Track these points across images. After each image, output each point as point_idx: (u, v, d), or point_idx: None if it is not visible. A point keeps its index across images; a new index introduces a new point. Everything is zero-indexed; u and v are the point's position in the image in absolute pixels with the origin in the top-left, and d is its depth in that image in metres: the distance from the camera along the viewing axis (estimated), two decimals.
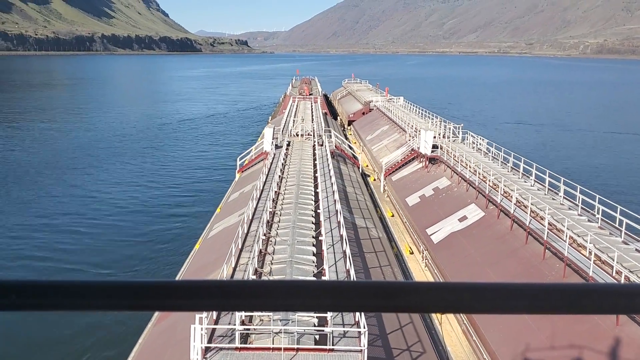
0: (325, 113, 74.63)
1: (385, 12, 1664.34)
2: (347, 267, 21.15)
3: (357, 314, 16.69)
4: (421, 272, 30.12)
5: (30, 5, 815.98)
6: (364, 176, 48.44)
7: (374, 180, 49.25)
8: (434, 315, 23.56)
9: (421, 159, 43.80)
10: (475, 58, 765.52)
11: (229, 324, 16.64)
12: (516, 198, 28.82)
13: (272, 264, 21.58)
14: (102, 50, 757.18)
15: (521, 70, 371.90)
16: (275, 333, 15.87)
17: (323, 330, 16.12)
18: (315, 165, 39.68)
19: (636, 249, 22.26)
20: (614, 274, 20.27)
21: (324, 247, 22.90)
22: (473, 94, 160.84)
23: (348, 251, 21.84)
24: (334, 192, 31.82)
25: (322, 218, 26.47)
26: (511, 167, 36.71)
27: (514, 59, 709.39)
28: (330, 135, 49.90)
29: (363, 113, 77.70)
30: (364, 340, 15.18)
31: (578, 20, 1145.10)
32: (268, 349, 15.44)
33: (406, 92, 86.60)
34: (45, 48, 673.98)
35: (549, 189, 31.48)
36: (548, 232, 24.36)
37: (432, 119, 53.44)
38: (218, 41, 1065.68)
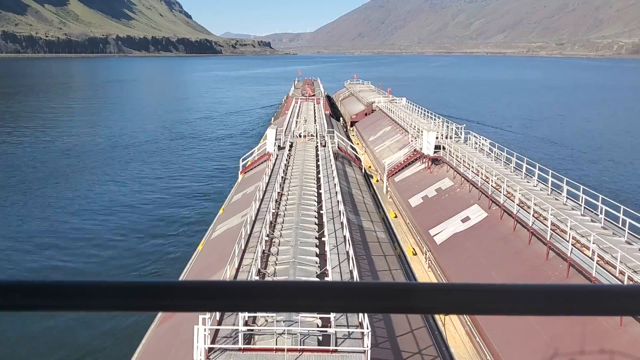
0: (328, 114, 74.66)
1: (411, 12, 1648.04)
2: (350, 268, 21.14)
3: (361, 314, 16.68)
4: (424, 273, 30.10)
5: (47, 6, 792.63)
6: (367, 177, 48.42)
7: (377, 181, 49.23)
8: (437, 316, 23.54)
9: (424, 160, 43.77)
10: (504, 59, 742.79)
11: (233, 324, 16.65)
12: (519, 198, 28.78)
13: (275, 265, 21.59)
14: (116, 52, 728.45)
15: (554, 72, 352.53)
16: (278, 334, 15.88)
17: (326, 331, 16.12)
18: (318, 167, 39.69)
19: (639, 249, 22.23)
20: (617, 274, 20.22)
21: (327, 248, 22.90)
22: (511, 104, 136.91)
23: (351, 252, 21.84)
24: (336, 193, 31.81)
25: (325, 219, 26.47)
26: (514, 168, 36.66)
27: (544, 60, 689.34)
28: (333, 136, 49.89)
29: (365, 114, 77.68)
30: (368, 341, 15.18)
31: (611, 19, 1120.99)
32: (271, 349, 15.45)
33: (427, 99, 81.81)
34: (56, 50, 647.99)
35: (552, 189, 31.43)
36: (551, 233, 24.32)
37: (435, 119, 53.40)
38: (240, 43, 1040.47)
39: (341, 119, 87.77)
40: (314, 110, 72.86)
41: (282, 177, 35.66)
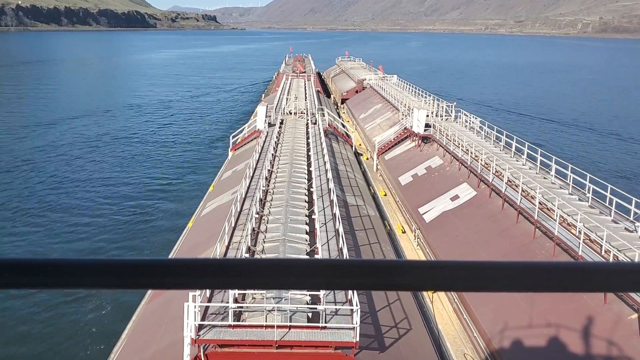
0: (319, 91, 74.29)
1: None
2: (340, 246, 21.25)
3: (350, 292, 16.81)
4: (413, 251, 30.32)
5: None
6: (357, 155, 48.43)
7: (367, 159, 49.27)
8: (425, 294, 23.79)
9: (414, 138, 43.79)
10: (468, 37, 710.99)
11: (222, 301, 16.73)
12: (507, 177, 28.94)
13: (265, 242, 21.64)
14: (15, 25, 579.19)
15: (538, 52, 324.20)
16: (268, 311, 15.99)
17: (316, 308, 16.24)
18: (308, 144, 39.60)
19: (625, 228, 22.48)
20: (602, 252, 20.47)
21: (317, 226, 22.98)
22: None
23: (341, 230, 21.92)
24: (327, 170, 31.81)
25: (315, 197, 26.49)
26: (503, 146, 36.79)
27: (512, 38, 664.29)
28: (324, 114, 49.71)
29: (356, 91, 77.35)
30: (357, 317, 15.33)
31: None
32: (261, 326, 15.56)
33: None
34: None
35: (540, 168, 31.62)
36: (538, 212, 24.53)
37: (425, 97, 53.28)
38: (182, 16, 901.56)
39: (332, 96, 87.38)
40: (305, 87, 72.42)
41: (272, 155, 35.56)
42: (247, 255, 20.17)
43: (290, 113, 51.56)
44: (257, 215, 24.04)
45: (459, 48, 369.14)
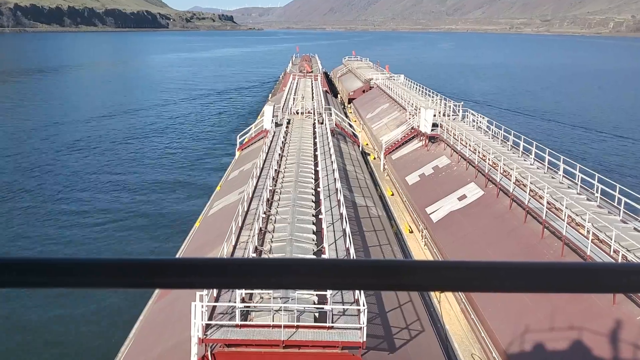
0: (326, 91, 74.23)
1: None
2: (347, 246, 21.22)
3: (357, 292, 16.79)
4: (420, 250, 30.27)
5: None
6: (364, 155, 48.38)
7: (374, 158, 49.22)
8: (432, 294, 23.74)
9: (421, 138, 43.70)
10: (499, 37, 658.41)
11: (229, 301, 16.76)
12: (515, 177, 28.83)
13: (272, 242, 21.65)
14: (12, 25, 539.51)
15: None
16: (275, 311, 15.98)
17: (323, 308, 16.23)
18: (315, 144, 39.58)
19: (634, 228, 22.34)
20: (611, 252, 20.36)
21: (324, 226, 22.95)
22: None
23: (348, 230, 21.90)
24: (334, 170, 31.80)
25: (322, 196, 26.47)
26: (511, 146, 36.65)
27: (545, 38, 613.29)
28: (331, 114, 49.68)
29: (363, 91, 77.29)
30: (364, 317, 15.31)
31: None
32: (268, 326, 15.57)
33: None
34: None
35: (548, 167, 31.47)
36: (547, 211, 24.41)
37: (433, 97, 53.15)
38: (197, 16, 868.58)
39: (339, 96, 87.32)
40: (312, 87, 72.38)
41: (279, 154, 35.56)
42: (254, 255, 20.18)
43: (297, 113, 51.55)
44: (264, 215, 24.06)
45: (504, 50, 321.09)
